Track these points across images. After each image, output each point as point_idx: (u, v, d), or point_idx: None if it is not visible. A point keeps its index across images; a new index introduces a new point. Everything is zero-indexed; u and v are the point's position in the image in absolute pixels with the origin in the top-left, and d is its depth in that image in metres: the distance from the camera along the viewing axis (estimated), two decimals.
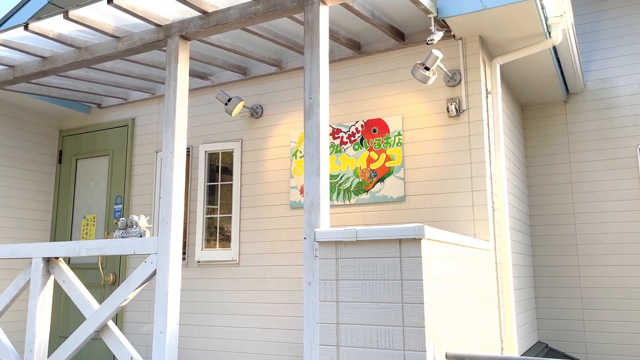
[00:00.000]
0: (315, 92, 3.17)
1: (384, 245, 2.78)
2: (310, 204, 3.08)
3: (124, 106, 6.10)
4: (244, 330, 4.94)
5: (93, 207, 6.13)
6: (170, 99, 3.67)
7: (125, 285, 3.58)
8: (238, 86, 5.36)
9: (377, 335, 2.73)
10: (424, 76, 4.01)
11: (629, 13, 5.89)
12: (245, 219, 5.13)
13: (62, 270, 3.95)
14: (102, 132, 6.20)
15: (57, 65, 4.29)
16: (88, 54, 4.14)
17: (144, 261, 3.57)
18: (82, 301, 3.79)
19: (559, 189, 5.95)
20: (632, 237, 5.56)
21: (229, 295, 5.06)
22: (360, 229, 2.83)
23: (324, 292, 2.92)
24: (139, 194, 5.79)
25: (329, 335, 2.86)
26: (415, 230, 2.68)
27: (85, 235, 6.10)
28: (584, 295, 5.70)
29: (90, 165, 6.26)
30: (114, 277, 5.77)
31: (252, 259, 5.03)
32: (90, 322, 3.68)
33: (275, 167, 5.06)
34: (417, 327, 2.64)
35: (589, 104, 5.96)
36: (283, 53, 5.01)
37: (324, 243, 2.95)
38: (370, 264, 2.81)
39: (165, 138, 3.64)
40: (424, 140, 4.46)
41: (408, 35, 4.58)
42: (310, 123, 3.16)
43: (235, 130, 5.33)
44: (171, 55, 3.73)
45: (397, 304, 2.71)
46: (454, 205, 4.26)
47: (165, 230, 3.51)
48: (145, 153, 5.84)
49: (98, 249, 3.75)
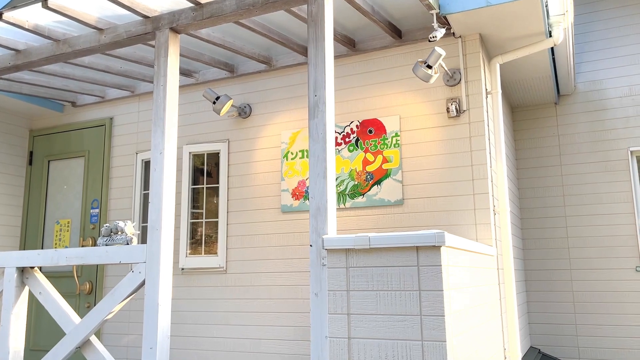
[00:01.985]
0: (320, 88, 2.97)
1: (399, 253, 2.59)
2: (316, 208, 2.87)
3: (100, 104, 5.77)
4: (233, 341, 4.69)
5: (67, 211, 5.78)
6: (160, 96, 3.41)
7: (110, 297, 3.30)
8: (224, 84, 5.11)
9: (393, 350, 2.54)
10: (426, 74, 3.84)
11: (620, 15, 5.86)
12: (232, 223, 4.88)
13: (38, 281, 3.65)
14: (77, 132, 5.86)
15: (33, 59, 3.98)
16: (67, 47, 3.84)
17: (130, 271, 3.30)
18: (61, 315, 3.50)
19: (550, 192, 5.87)
20: (624, 240, 5.51)
21: (216, 304, 4.80)
22: (374, 235, 2.64)
23: (333, 304, 2.71)
24: (118, 198, 5.48)
25: (340, 351, 2.65)
26: (434, 237, 2.50)
27: (58, 241, 5.75)
28: (576, 299, 5.62)
29: (64, 167, 5.91)
30: (90, 286, 5.44)
31: (240, 265, 4.78)
32: (70, 337, 3.38)
33: (265, 169, 4.83)
34: (437, 342, 2.46)
35: (579, 106, 5.90)
36: (273, 50, 4.79)
37: (333, 251, 2.74)
38: (384, 274, 2.61)
39: (155, 138, 3.38)
40: (423, 141, 4.30)
41: (405, 32, 4.41)
42: (316, 122, 2.95)
43: (221, 131, 5.08)
44: (160, 49, 3.47)
45: (415, 317, 2.52)
46: (455, 209, 4.11)
47: (154, 237, 3.24)
48: (124, 154, 5.53)
49: (79, 257, 3.46)
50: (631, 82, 5.69)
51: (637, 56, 5.70)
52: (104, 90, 5.67)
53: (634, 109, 5.65)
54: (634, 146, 5.60)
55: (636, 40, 5.73)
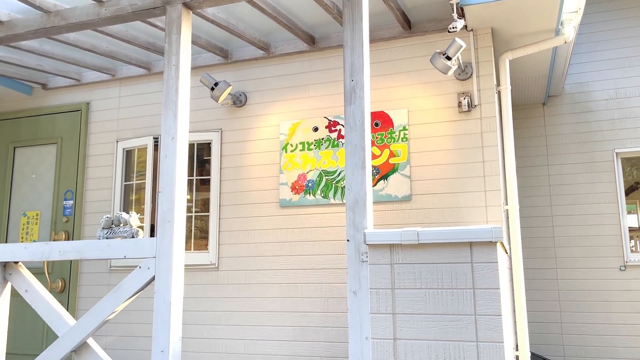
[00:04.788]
0: (358, 72, 2.78)
1: (451, 249, 2.44)
2: (354, 201, 2.68)
3: (75, 88, 5.35)
4: (225, 342, 4.42)
5: (36, 202, 5.32)
6: (172, 76, 3.12)
7: (113, 294, 2.99)
8: (217, 70, 4.83)
9: (444, 351, 2.39)
10: (445, 66, 3.72)
11: (606, 19, 5.96)
12: (225, 218, 4.61)
13: (23, 277, 3.28)
14: (49, 117, 5.41)
15: (18, 31, 3.58)
16: (60, 19, 3.47)
17: (138, 267, 3.00)
18: (52, 315, 3.15)
19: (537, 192, 5.91)
20: (609, 240, 5.60)
21: (207, 304, 4.52)
22: (422, 230, 2.48)
23: (376, 303, 2.53)
24: (95, 189, 5.09)
25: (384, 353, 2.47)
26: (491, 232, 2.37)
27: (25, 235, 5.28)
28: (561, 298, 5.68)
29: (32, 154, 5.44)
30: (63, 283, 5.02)
31: (233, 262, 4.52)
32: (65, 340, 3.05)
33: (262, 162, 4.58)
34: (494, 342, 2.32)
35: (566, 107, 5.97)
36: (272, 36, 4.55)
37: (376, 246, 2.56)
38: (434, 271, 2.46)
39: (165, 122, 3.09)
40: (432, 135, 4.18)
41: (415, 23, 4.28)
42: (353, 108, 2.76)
43: (214, 120, 4.79)
44: (172, 26, 3.18)
45: (469, 316, 2.38)
46: (465, 205, 4.01)
47: (166, 230, 2.96)
48: (102, 142, 5.14)
49: (76, 252, 3.13)
50: (617, 85, 5.80)
51: (623, 60, 5.81)
52: (80, 73, 5.26)
53: (619, 112, 5.76)
54: (619, 148, 5.70)
55: (622, 45, 5.84)
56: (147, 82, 5.08)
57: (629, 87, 5.74)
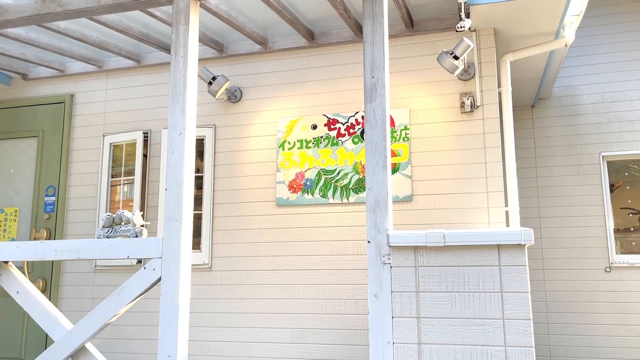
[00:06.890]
0: (379, 69, 2.71)
1: (478, 252, 2.39)
2: (375, 201, 2.60)
3: (59, 79, 5.12)
4: (217, 345, 4.29)
5: (14, 198, 5.07)
6: (179, 68, 2.98)
7: (116, 296, 2.84)
8: (212, 64, 4.68)
9: (472, 356, 2.33)
10: (453, 65, 3.69)
11: (594, 24, 6.04)
12: (219, 216, 4.47)
13: (14, 277, 3.09)
14: (29, 109, 5.16)
15: (9, 17, 3.37)
16: (56, 5, 3.28)
17: (142, 267, 2.86)
18: (46, 318, 2.97)
19: (525, 193, 5.95)
20: (595, 242, 5.68)
21: (200, 305, 4.38)
22: (449, 232, 2.42)
23: (399, 307, 2.46)
24: (79, 185, 4.87)
25: (408, 357, 2.41)
26: (520, 235, 2.32)
27: (3, 232, 5.02)
28: (548, 298, 5.73)
29: (10, 147, 5.18)
30: (44, 283, 4.80)
31: (227, 262, 4.39)
32: (61, 345, 2.88)
33: (258, 159, 4.46)
34: (523, 347, 2.28)
35: (554, 110, 6.03)
36: (270, 30, 4.44)
37: (400, 248, 2.49)
38: (460, 274, 2.40)
39: (172, 116, 2.95)
40: (434, 135, 4.14)
41: (417, 22, 4.23)
42: (374, 106, 2.69)
43: (207, 115, 4.65)
44: (179, 16, 3.04)
45: (497, 320, 2.33)
46: (468, 206, 3.99)
47: (173, 229, 2.83)
48: (87, 136, 4.93)
49: (74, 251, 2.96)
50: (604, 89, 5.89)
51: (610, 64, 5.90)
52: (64, 64, 5.03)
53: (605, 116, 5.85)
54: (605, 151, 5.79)
55: (610, 50, 5.93)
56: (135, 74, 4.90)
57: (616, 92, 5.84)
